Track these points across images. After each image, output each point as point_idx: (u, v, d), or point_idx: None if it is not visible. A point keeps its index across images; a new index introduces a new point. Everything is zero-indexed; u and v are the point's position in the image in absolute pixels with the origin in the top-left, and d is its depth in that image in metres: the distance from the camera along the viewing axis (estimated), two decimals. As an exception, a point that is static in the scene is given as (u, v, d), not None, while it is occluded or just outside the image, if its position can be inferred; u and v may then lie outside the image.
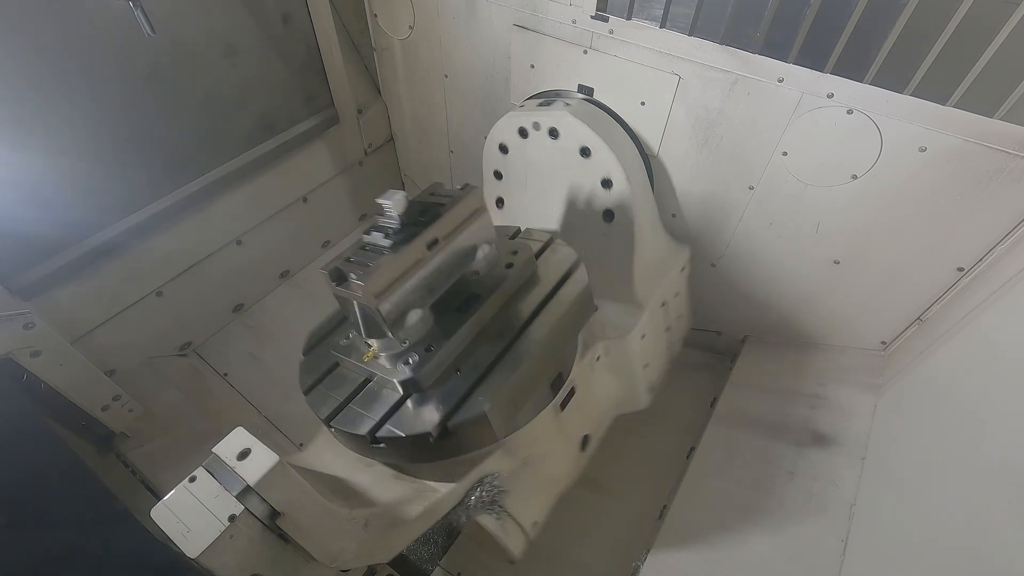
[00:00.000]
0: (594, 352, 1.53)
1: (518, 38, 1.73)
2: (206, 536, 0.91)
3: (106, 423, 1.75)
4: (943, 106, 1.19)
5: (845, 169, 1.40)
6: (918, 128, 1.25)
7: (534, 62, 1.75)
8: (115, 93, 1.59)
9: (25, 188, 1.51)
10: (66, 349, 1.59)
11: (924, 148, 1.27)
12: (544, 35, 1.67)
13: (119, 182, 1.71)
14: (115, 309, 1.85)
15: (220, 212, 2.03)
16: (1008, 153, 1.18)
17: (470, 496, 1.26)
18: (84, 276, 1.72)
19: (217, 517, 0.93)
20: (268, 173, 2.13)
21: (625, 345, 1.62)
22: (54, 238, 1.62)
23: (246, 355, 2.22)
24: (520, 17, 1.70)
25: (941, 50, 1.15)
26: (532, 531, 1.53)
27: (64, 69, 1.47)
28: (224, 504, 0.94)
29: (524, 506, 1.47)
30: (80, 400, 1.67)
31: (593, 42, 1.59)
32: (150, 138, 1.73)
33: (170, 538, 0.91)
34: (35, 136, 1.48)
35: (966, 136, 1.20)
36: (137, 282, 1.88)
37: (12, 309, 1.46)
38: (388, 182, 2.75)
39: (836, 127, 1.35)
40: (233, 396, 2.11)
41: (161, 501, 0.95)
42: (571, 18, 1.59)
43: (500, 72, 1.90)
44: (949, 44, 1.14)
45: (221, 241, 2.10)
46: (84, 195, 1.65)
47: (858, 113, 1.30)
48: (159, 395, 1.95)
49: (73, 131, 1.55)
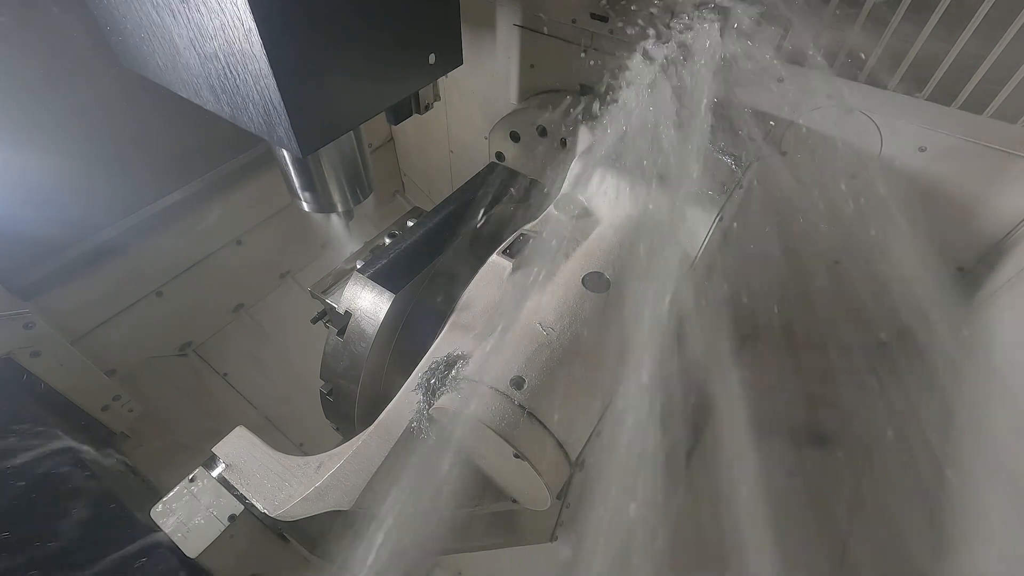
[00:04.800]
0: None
1: (518, 38, 1.73)
2: (206, 536, 0.91)
3: (106, 423, 1.75)
4: (944, 106, 1.20)
5: (845, 169, 1.40)
6: (918, 128, 1.25)
7: (534, 62, 1.75)
8: (115, 92, 1.59)
9: (25, 188, 1.51)
10: (66, 349, 1.60)
11: (924, 148, 1.27)
12: (544, 35, 1.67)
13: (119, 182, 1.71)
14: (115, 309, 1.85)
15: (220, 212, 2.03)
16: (1008, 153, 1.18)
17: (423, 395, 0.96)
18: (84, 276, 1.72)
19: (217, 517, 0.93)
20: (268, 173, 2.13)
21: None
22: (54, 238, 1.62)
23: (246, 355, 2.22)
24: (520, 17, 1.70)
25: (941, 50, 1.15)
26: (564, 434, 0.88)
27: (64, 68, 1.47)
28: (224, 504, 0.94)
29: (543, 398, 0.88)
30: (80, 400, 1.67)
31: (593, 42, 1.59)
32: (150, 138, 1.73)
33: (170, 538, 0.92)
34: (35, 136, 1.48)
35: (966, 136, 1.20)
36: (137, 282, 1.88)
37: (12, 309, 1.46)
38: (388, 182, 2.75)
39: (835, 127, 1.35)
40: (233, 396, 2.11)
41: (161, 501, 0.96)
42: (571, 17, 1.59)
43: (500, 72, 1.90)
44: (949, 44, 1.14)
45: (221, 241, 2.10)
46: (84, 195, 1.65)
47: (857, 113, 1.30)
48: (159, 395, 1.95)
49: (73, 131, 1.55)
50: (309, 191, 1.43)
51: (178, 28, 0.97)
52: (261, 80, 0.92)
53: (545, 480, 0.85)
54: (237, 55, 0.92)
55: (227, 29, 0.88)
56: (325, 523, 0.95)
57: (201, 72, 1.02)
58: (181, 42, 1.00)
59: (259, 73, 0.91)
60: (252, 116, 1.03)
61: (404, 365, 1.13)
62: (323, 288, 1.32)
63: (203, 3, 0.87)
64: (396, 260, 1.25)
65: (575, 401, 0.90)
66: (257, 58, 0.89)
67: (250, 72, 0.93)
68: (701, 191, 1.13)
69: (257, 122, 1.03)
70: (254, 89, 0.96)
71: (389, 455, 0.93)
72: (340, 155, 1.39)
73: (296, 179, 1.41)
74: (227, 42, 0.91)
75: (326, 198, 1.45)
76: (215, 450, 1.03)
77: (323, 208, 1.48)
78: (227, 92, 1.02)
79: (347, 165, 1.42)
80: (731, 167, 1.22)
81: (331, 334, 1.27)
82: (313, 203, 1.46)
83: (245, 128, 1.08)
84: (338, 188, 1.45)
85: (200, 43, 0.96)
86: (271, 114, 0.98)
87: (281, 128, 1.00)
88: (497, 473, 0.98)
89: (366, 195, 1.53)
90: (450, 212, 1.41)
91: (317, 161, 1.36)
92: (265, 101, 0.96)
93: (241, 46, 0.89)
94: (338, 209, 1.49)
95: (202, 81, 1.05)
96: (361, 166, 1.47)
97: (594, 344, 0.95)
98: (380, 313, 1.16)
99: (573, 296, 0.99)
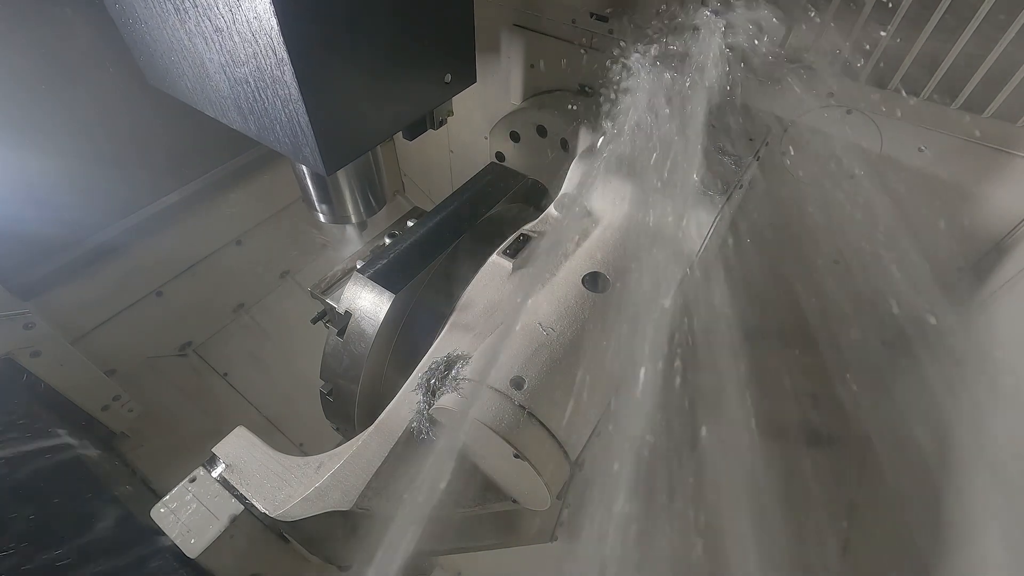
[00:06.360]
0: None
1: (518, 38, 1.73)
2: (206, 536, 0.91)
3: (106, 423, 1.75)
4: (944, 106, 1.20)
5: (845, 169, 1.40)
6: (918, 128, 1.25)
7: (534, 62, 1.75)
8: (115, 93, 1.59)
9: (25, 188, 1.51)
10: (66, 349, 1.60)
11: (923, 148, 1.27)
12: (544, 35, 1.67)
13: (119, 182, 1.71)
14: (115, 309, 1.85)
15: (220, 212, 2.03)
16: (1008, 153, 1.18)
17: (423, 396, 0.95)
18: (84, 276, 1.72)
19: (217, 517, 0.93)
20: (268, 173, 2.13)
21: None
22: (54, 238, 1.62)
23: (246, 355, 2.22)
24: (520, 17, 1.71)
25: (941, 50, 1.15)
26: (564, 434, 0.87)
27: (65, 69, 1.47)
28: (224, 504, 0.94)
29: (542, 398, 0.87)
30: (80, 400, 1.67)
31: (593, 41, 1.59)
32: (150, 138, 1.73)
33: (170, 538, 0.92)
34: (35, 136, 1.48)
35: (966, 136, 1.20)
36: (137, 282, 1.88)
37: (12, 309, 1.46)
38: (388, 182, 2.74)
39: (836, 127, 1.35)
40: (233, 396, 2.11)
41: (161, 501, 0.96)
42: (571, 18, 1.59)
43: (500, 72, 1.90)
44: (949, 44, 1.14)
45: (221, 241, 2.10)
46: (84, 195, 1.65)
47: (857, 113, 1.30)
48: (159, 395, 1.95)
49: (73, 131, 1.55)
50: (326, 203, 1.48)
51: (210, 54, 1.01)
52: (290, 104, 0.96)
53: (545, 480, 0.84)
54: (267, 81, 0.95)
55: (259, 57, 0.92)
56: (325, 523, 0.95)
57: (230, 95, 1.06)
58: (212, 67, 1.03)
59: (288, 98, 0.95)
60: (279, 137, 1.06)
61: (404, 365, 1.13)
62: (323, 288, 1.32)
63: (237, 32, 0.91)
64: (396, 260, 1.25)
65: (575, 401, 0.90)
66: (288, 84, 0.92)
67: (279, 96, 0.97)
68: (701, 191, 1.13)
69: (284, 142, 1.07)
70: (282, 112, 0.99)
71: (389, 455, 0.93)
72: (357, 170, 1.44)
73: (314, 192, 1.47)
74: (258, 69, 0.94)
75: (342, 210, 1.51)
76: (215, 450, 1.03)
77: (339, 219, 1.53)
78: (255, 114, 1.05)
79: (363, 179, 1.48)
80: (731, 167, 1.22)
81: (331, 334, 1.26)
82: (330, 215, 1.52)
83: (271, 147, 1.11)
84: (354, 201, 1.50)
85: (231, 69, 1.00)
86: (298, 135, 1.02)
87: (308, 148, 1.03)
88: (497, 473, 0.98)
89: (380, 207, 1.59)
90: (450, 212, 1.41)
91: (336, 176, 1.41)
92: (293, 124, 1.00)
93: (272, 73, 0.93)
94: (352, 220, 1.55)
95: (230, 103, 1.08)
96: (377, 180, 1.53)
97: (594, 344, 0.95)
98: (380, 313, 1.16)
99: (573, 296, 0.99)
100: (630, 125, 1.10)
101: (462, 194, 1.48)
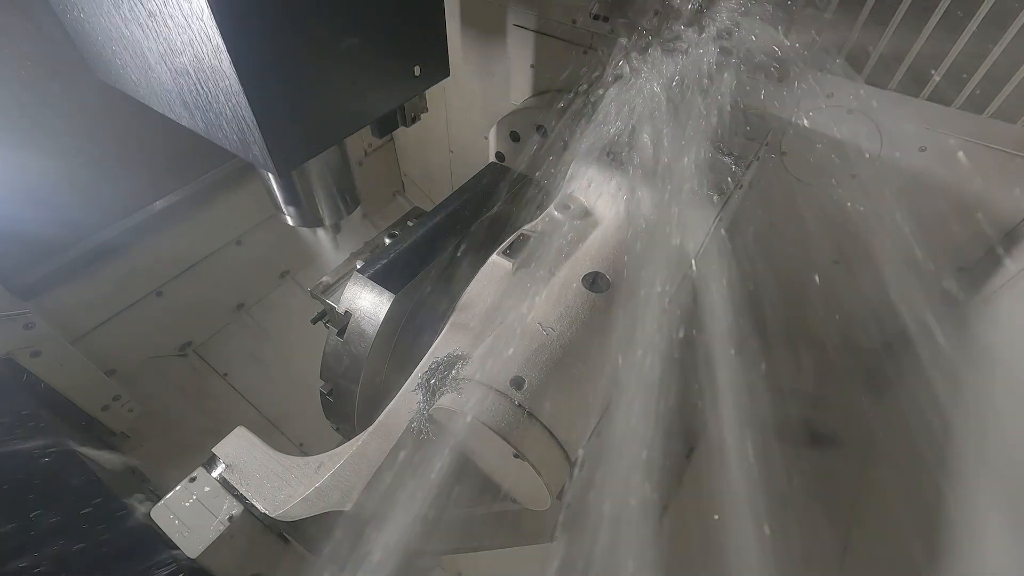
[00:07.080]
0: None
1: (518, 38, 1.73)
2: (206, 536, 0.91)
3: (106, 423, 1.75)
4: (944, 106, 1.19)
5: (845, 169, 1.40)
6: (918, 128, 1.25)
7: (534, 62, 1.75)
8: (115, 92, 1.59)
9: (25, 188, 1.51)
10: (66, 349, 1.60)
11: (924, 148, 1.27)
12: (545, 35, 1.67)
13: (119, 182, 1.71)
14: (115, 309, 1.85)
15: (220, 212, 2.03)
16: (1008, 153, 1.18)
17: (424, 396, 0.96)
18: (84, 276, 1.72)
19: (217, 517, 0.93)
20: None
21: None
22: (54, 238, 1.62)
23: (246, 355, 2.22)
24: (520, 17, 1.71)
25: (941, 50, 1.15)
26: (564, 434, 0.86)
27: (65, 68, 1.47)
28: (224, 504, 0.94)
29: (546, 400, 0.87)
30: (80, 400, 1.67)
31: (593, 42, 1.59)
32: (150, 138, 1.73)
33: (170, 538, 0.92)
34: (35, 136, 1.48)
35: (966, 136, 1.20)
36: (137, 282, 1.88)
37: (12, 309, 1.46)
38: (388, 182, 2.75)
39: (836, 127, 1.35)
40: (233, 396, 2.11)
41: (161, 501, 0.96)
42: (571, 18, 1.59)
43: (500, 72, 1.90)
44: (949, 44, 1.13)
45: (221, 241, 2.10)
46: (84, 195, 1.65)
47: (857, 113, 1.30)
48: (159, 395, 1.95)
49: (73, 131, 1.55)
50: (293, 205, 1.37)
51: (148, 42, 0.93)
52: (232, 98, 0.88)
53: (545, 480, 0.84)
54: (207, 71, 0.88)
55: (195, 44, 0.84)
56: (325, 523, 0.95)
57: (173, 87, 0.98)
58: (152, 56, 0.96)
59: (230, 90, 0.87)
60: (227, 133, 0.98)
61: (404, 365, 1.13)
62: (323, 288, 1.32)
63: (170, 17, 0.84)
64: (396, 260, 1.25)
65: (575, 401, 0.90)
66: (227, 75, 0.85)
67: (221, 89, 0.89)
68: (701, 191, 1.13)
69: (232, 139, 0.99)
70: (226, 106, 0.91)
71: (389, 455, 0.93)
72: (325, 168, 1.33)
73: (279, 193, 1.35)
74: (196, 58, 0.87)
75: (312, 212, 1.40)
76: (215, 450, 1.03)
77: (308, 222, 1.42)
78: (200, 108, 0.98)
79: (333, 178, 1.36)
80: (731, 167, 1.22)
81: (331, 334, 1.26)
82: (298, 218, 1.40)
83: (220, 145, 1.04)
84: (324, 201, 1.39)
85: (170, 58, 0.92)
86: (245, 132, 0.94)
87: (256, 147, 0.95)
88: (497, 473, 0.98)
89: (352, 208, 1.47)
90: (450, 212, 1.41)
91: (301, 174, 1.31)
92: (238, 119, 0.92)
93: (211, 62, 0.85)
94: (325, 223, 1.44)
95: (175, 96, 1.01)
96: (348, 179, 1.41)
97: (594, 344, 0.94)
98: (380, 313, 1.16)
99: (573, 296, 0.99)
100: (630, 125, 1.10)
101: (462, 194, 1.48)
